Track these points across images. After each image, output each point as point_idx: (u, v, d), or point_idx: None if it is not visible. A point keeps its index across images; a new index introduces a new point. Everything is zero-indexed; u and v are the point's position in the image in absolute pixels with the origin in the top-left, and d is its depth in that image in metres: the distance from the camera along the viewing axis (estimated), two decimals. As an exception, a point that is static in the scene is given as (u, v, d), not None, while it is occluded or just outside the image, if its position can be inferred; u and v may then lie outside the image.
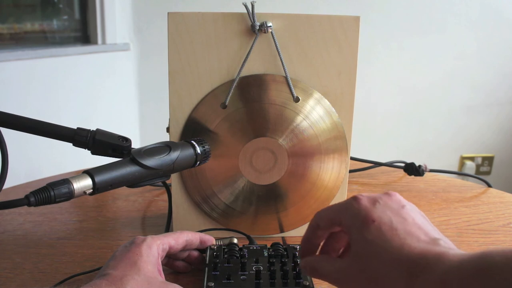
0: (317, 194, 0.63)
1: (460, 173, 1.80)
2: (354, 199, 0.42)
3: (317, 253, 0.46)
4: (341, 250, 0.46)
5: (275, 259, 0.52)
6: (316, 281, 0.53)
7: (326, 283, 0.53)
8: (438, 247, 0.37)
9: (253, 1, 0.57)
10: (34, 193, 0.39)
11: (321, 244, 0.46)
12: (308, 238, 0.46)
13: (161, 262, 0.49)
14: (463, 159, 2.53)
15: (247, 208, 0.63)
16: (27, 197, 0.39)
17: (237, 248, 0.54)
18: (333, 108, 0.62)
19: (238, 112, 0.60)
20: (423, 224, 0.41)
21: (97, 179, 0.43)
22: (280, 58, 0.59)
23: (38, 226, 0.67)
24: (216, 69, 0.59)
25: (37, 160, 1.83)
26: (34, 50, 1.86)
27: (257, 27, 0.57)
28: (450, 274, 0.34)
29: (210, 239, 0.55)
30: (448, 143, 2.48)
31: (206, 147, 0.52)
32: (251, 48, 0.58)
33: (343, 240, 0.45)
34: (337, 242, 0.46)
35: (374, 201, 0.42)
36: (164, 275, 0.48)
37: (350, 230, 0.41)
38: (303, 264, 0.45)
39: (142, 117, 2.36)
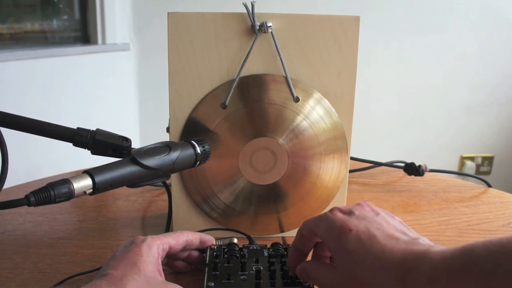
0: (317, 194, 0.63)
1: (460, 173, 1.79)
2: (330, 211, 0.44)
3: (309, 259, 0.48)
4: (329, 259, 0.47)
5: (275, 259, 0.52)
6: (316, 281, 0.53)
7: (326, 283, 0.54)
8: (418, 246, 0.38)
9: (253, 1, 0.57)
10: (34, 193, 0.39)
11: (309, 252, 0.48)
12: (295, 246, 0.48)
13: (161, 262, 0.49)
14: (463, 159, 2.53)
15: (247, 208, 0.63)
16: (27, 197, 0.39)
17: (237, 248, 0.54)
18: (333, 108, 0.62)
19: (238, 112, 0.60)
20: (399, 226, 0.42)
21: (97, 179, 0.43)
22: (280, 58, 0.59)
23: (38, 226, 0.67)
24: (216, 69, 0.59)
25: (37, 160, 1.83)
26: (34, 50, 1.86)
27: (257, 27, 0.57)
28: (436, 271, 0.35)
29: (210, 239, 0.55)
30: (448, 143, 2.48)
31: (206, 147, 0.52)
32: (251, 48, 0.58)
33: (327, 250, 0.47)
34: (324, 251, 0.47)
35: (349, 211, 0.43)
36: (164, 275, 0.48)
37: (327, 242, 0.43)
38: (298, 270, 0.46)
39: (142, 117, 2.36)
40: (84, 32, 2.16)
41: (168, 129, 0.62)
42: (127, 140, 0.48)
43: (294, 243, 0.48)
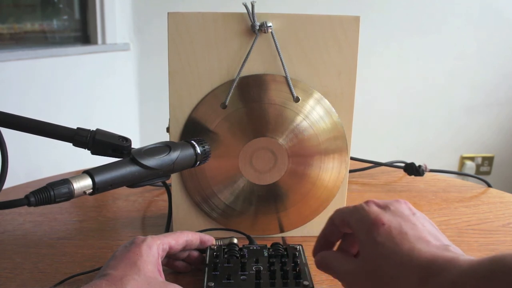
0: (317, 194, 0.63)
1: (460, 173, 1.80)
2: (366, 203, 0.43)
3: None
4: (355, 254, 0.46)
5: (275, 259, 0.52)
6: (316, 281, 0.53)
7: (326, 283, 0.54)
8: (448, 252, 0.37)
9: (253, 1, 0.57)
10: (34, 193, 0.39)
11: (337, 243, 0.47)
12: (324, 234, 0.47)
13: (161, 262, 0.49)
14: (463, 159, 2.53)
15: (247, 208, 0.63)
16: (27, 197, 0.39)
17: (237, 248, 0.54)
18: (333, 108, 0.62)
19: (238, 112, 0.60)
20: (433, 231, 0.41)
21: (97, 179, 0.43)
22: (280, 58, 0.59)
23: (38, 226, 0.67)
24: (216, 69, 0.59)
25: (37, 160, 1.83)
26: (34, 50, 1.86)
27: (257, 27, 0.57)
28: (462, 277, 0.34)
29: (210, 239, 0.55)
30: (448, 143, 2.48)
31: (206, 147, 0.52)
32: (251, 48, 0.58)
33: (357, 244, 0.45)
34: (352, 245, 0.46)
35: (384, 206, 0.43)
36: (164, 275, 0.48)
37: (358, 233, 0.42)
38: (318, 258, 0.45)
39: (142, 117, 2.36)
40: (84, 32, 2.16)
41: (168, 129, 0.62)
42: (127, 140, 0.48)
43: (323, 231, 0.47)
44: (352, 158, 0.82)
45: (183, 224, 0.64)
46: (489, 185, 0.86)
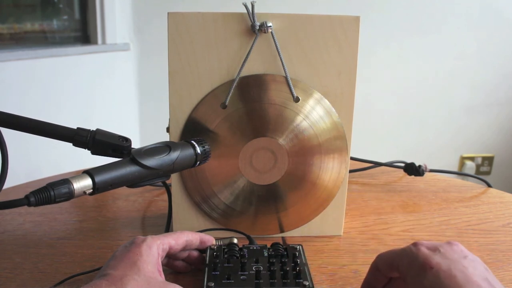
0: (317, 194, 0.63)
1: (460, 173, 1.80)
2: (414, 245, 0.42)
3: None
4: None
5: (275, 259, 0.52)
6: (316, 281, 0.53)
7: (326, 283, 0.54)
8: None
9: (253, 1, 0.57)
10: (34, 193, 0.39)
11: None
12: (368, 281, 0.46)
13: (161, 262, 0.49)
14: (463, 159, 2.53)
15: (247, 208, 0.63)
16: (27, 197, 0.39)
17: (237, 248, 0.54)
18: (333, 108, 0.62)
19: (238, 112, 0.60)
20: (485, 274, 0.39)
21: (97, 179, 0.43)
22: (280, 58, 0.59)
23: (38, 226, 0.67)
24: (216, 69, 0.59)
25: (37, 160, 1.83)
26: (34, 50, 1.86)
27: (257, 27, 0.57)
28: None
29: (210, 239, 0.55)
30: (448, 143, 2.48)
31: (206, 147, 0.52)
32: (251, 48, 0.58)
33: None
34: None
35: (434, 248, 0.41)
36: (164, 275, 0.48)
37: (406, 276, 0.41)
38: None
39: (142, 117, 2.36)
40: (84, 32, 2.16)
41: (168, 129, 0.62)
42: (127, 140, 0.48)
43: (367, 278, 0.46)
44: (352, 158, 0.82)
45: (183, 224, 0.64)
46: (489, 185, 0.86)
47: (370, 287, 0.46)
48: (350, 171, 0.87)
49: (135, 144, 0.47)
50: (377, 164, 0.91)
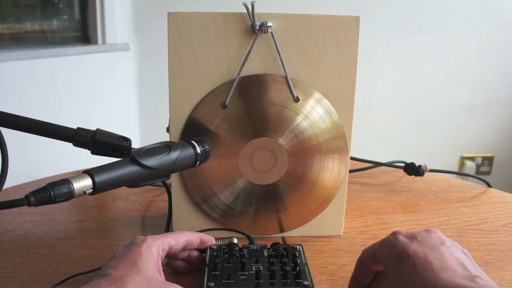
0: (317, 194, 0.63)
1: (460, 173, 1.80)
2: (393, 235, 0.43)
3: None
4: None
5: (275, 259, 0.52)
6: (316, 281, 0.53)
7: (326, 283, 0.54)
8: (474, 284, 0.36)
9: (253, 1, 0.57)
10: (34, 193, 0.39)
11: (367, 284, 0.46)
12: (355, 277, 0.46)
13: (161, 262, 0.49)
14: (463, 159, 2.53)
15: (247, 208, 0.63)
16: (27, 197, 0.39)
17: (237, 248, 0.54)
18: (333, 108, 0.62)
19: (238, 112, 0.60)
20: (462, 260, 0.39)
21: (97, 179, 0.43)
22: (280, 58, 0.59)
23: (38, 226, 0.67)
24: (216, 69, 0.59)
25: (37, 160, 1.83)
26: (34, 50, 1.86)
27: (257, 27, 0.57)
28: None
29: (210, 239, 0.55)
30: (448, 143, 2.48)
31: (206, 147, 0.52)
32: (251, 48, 0.58)
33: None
34: (383, 284, 0.45)
35: (412, 236, 0.42)
36: (164, 275, 0.48)
37: (386, 265, 0.41)
38: None
39: (142, 117, 2.36)
40: (84, 32, 2.16)
41: (168, 129, 0.62)
42: (127, 140, 0.48)
43: (354, 275, 0.47)
44: (352, 158, 0.82)
45: (183, 224, 0.64)
46: (489, 185, 0.86)
47: (358, 283, 0.47)
48: (350, 171, 0.87)
49: (135, 144, 0.47)
50: (377, 164, 0.91)
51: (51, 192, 0.40)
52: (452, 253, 0.40)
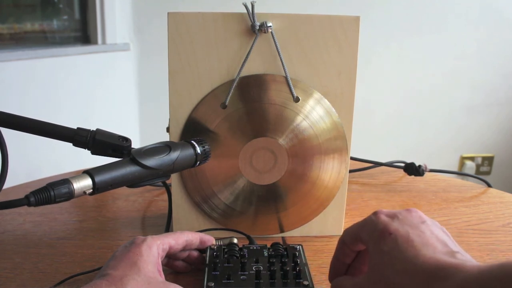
0: (317, 194, 0.63)
1: (460, 173, 1.79)
2: (374, 214, 0.43)
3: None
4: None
5: (275, 259, 0.52)
6: (316, 281, 0.53)
7: (326, 283, 0.54)
8: (454, 259, 0.37)
9: (253, 1, 0.57)
10: (34, 193, 0.39)
11: (349, 263, 0.47)
12: (336, 256, 0.47)
13: (161, 262, 0.49)
14: (463, 159, 2.53)
15: (247, 208, 0.63)
16: (27, 197, 0.39)
17: (237, 248, 0.54)
18: (333, 108, 0.62)
19: (238, 112, 0.60)
20: (442, 237, 0.41)
21: (97, 179, 0.43)
22: (280, 58, 0.59)
23: (38, 226, 0.67)
24: (216, 69, 0.59)
25: (37, 160, 1.83)
26: (34, 50, 1.86)
27: (257, 27, 0.57)
28: (468, 283, 0.34)
29: (210, 239, 0.55)
30: (448, 143, 2.48)
31: (206, 147, 0.52)
32: (251, 48, 0.58)
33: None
34: (364, 263, 0.46)
35: (393, 215, 0.43)
36: (164, 275, 0.48)
37: (368, 244, 0.42)
38: (333, 285, 0.46)
39: (142, 117, 2.36)
40: (84, 32, 2.16)
41: (168, 129, 0.62)
42: (127, 140, 0.48)
43: (335, 255, 0.47)
44: (352, 158, 0.82)
45: (183, 224, 0.64)
46: (489, 185, 0.86)
47: (340, 263, 0.47)
48: (350, 171, 0.87)
49: (135, 144, 0.47)
50: (377, 164, 0.91)
51: (51, 192, 0.40)
52: (433, 231, 0.41)
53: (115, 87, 2.21)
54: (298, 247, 0.55)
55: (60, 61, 1.95)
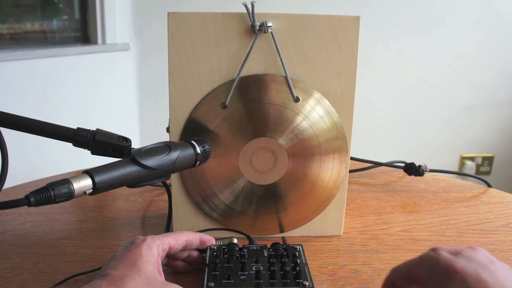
0: (317, 194, 0.63)
1: (460, 173, 1.79)
2: (433, 251, 0.39)
3: None
4: None
5: (275, 259, 0.52)
6: (316, 281, 0.53)
7: (326, 283, 0.54)
8: None
9: (253, 1, 0.57)
10: (34, 193, 0.39)
11: None
12: None
13: (161, 262, 0.49)
14: (463, 159, 2.53)
15: (247, 208, 0.63)
16: (27, 197, 0.39)
17: (237, 248, 0.54)
18: (333, 108, 0.62)
19: (238, 112, 0.60)
20: None
21: (97, 179, 0.43)
22: (280, 58, 0.59)
23: (38, 226, 0.67)
24: (216, 69, 0.59)
25: (37, 160, 1.83)
26: (34, 50, 1.86)
27: (257, 27, 0.57)
28: None
29: (210, 239, 0.55)
30: (448, 143, 2.48)
31: (206, 147, 0.52)
32: (251, 48, 0.58)
33: None
34: None
35: (456, 252, 0.39)
36: (164, 275, 0.48)
37: (427, 284, 0.38)
38: None
39: (142, 117, 2.36)
40: (84, 32, 2.16)
41: (168, 129, 0.62)
42: (127, 140, 0.48)
43: None
44: (352, 158, 0.82)
45: (183, 224, 0.64)
46: (489, 185, 0.86)
47: None
48: (350, 171, 0.87)
49: (135, 144, 0.47)
50: (377, 164, 0.91)
51: (51, 192, 0.40)
52: (503, 272, 0.37)
53: (115, 87, 2.21)
54: (298, 247, 0.55)
55: (60, 61, 1.95)
